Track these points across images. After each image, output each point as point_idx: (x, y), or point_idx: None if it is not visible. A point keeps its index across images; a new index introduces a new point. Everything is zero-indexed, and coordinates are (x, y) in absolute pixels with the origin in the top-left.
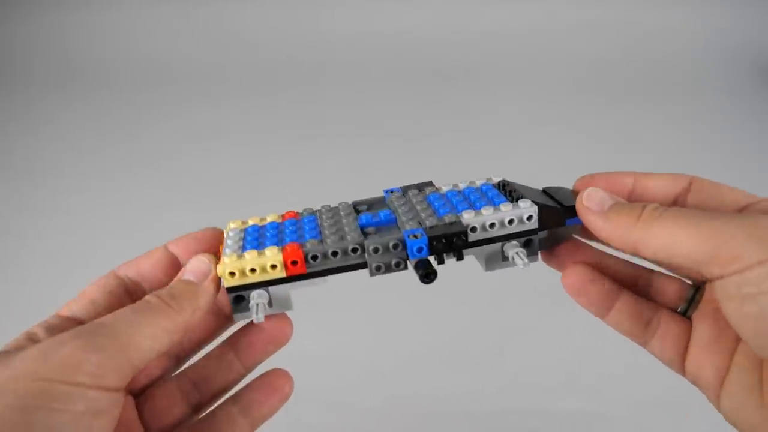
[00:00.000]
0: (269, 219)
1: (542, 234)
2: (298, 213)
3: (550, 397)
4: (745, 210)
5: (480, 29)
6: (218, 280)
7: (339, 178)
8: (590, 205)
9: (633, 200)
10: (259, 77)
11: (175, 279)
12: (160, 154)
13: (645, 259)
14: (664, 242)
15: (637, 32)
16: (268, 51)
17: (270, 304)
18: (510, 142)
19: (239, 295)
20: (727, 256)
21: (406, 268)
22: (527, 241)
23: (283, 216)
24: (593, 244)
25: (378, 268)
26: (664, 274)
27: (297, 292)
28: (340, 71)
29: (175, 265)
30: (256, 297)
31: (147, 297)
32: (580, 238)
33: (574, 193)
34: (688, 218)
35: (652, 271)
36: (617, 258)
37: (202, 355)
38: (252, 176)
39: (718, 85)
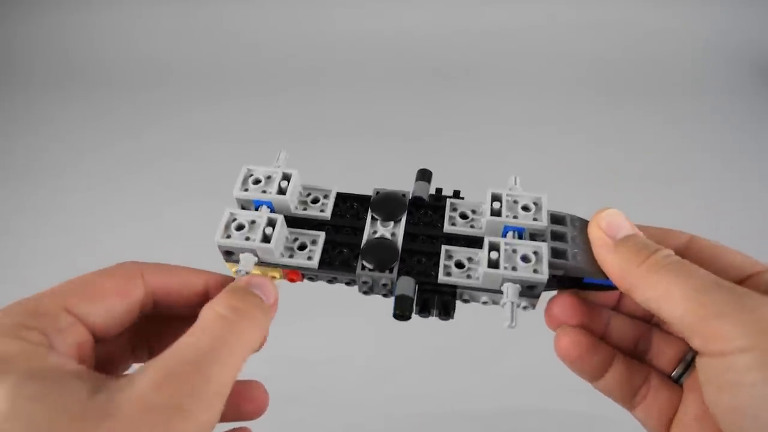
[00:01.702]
0: (276, 275)
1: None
2: (302, 275)
3: (551, 398)
4: (749, 280)
5: (480, 29)
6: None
7: (339, 178)
8: (606, 229)
9: None
10: (259, 77)
11: (240, 286)
12: (160, 153)
13: (636, 300)
14: (657, 295)
15: (637, 32)
16: (268, 51)
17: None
18: (510, 142)
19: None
20: (711, 333)
21: (391, 295)
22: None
23: (287, 275)
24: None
25: (366, 292)
26: (665, 334)
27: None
28: (340, 71)
29: (202, 293)
30: (245, 266)
31: (250, 310)
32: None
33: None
34: (689, 279)
35: (652, 329)
36: (620, 317)
37: None
38: None
39: (718, 85)
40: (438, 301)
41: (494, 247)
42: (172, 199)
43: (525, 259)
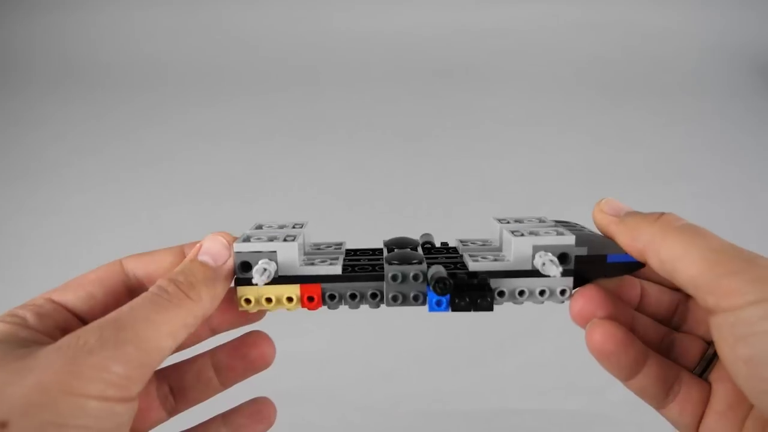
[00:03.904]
0: (292, 297)
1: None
2: (321, 298)
3: (551, 398)
4: None
5: (480, 29)
6: (233, 265)
7: (339, 177)
8: (607, 210)
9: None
10: (258, 77)
11: (189, 259)
12: (159, 153)
13: (649, 265)
14: (674, 255)
15: (637, 33)
16: (268, 51)
17: (277, 273)
18: (510, 142)
19: (246, 262)
20: (725, 289)
21: (425, 303)
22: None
23: (304, 297)
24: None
25: (395, 299)
26: (687, 333)
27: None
28: (340, 71)
29: None
30: (263, 263)
31: (164, 284)
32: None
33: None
34: (705, 239)
35: (673, 331)
36: (643, 317)
37: (182, 359)
38: (252, 176)
39: (718, 85)
40: (474, 295)
41: (517, 233)
42: (171, 199)
43: (548, 234)
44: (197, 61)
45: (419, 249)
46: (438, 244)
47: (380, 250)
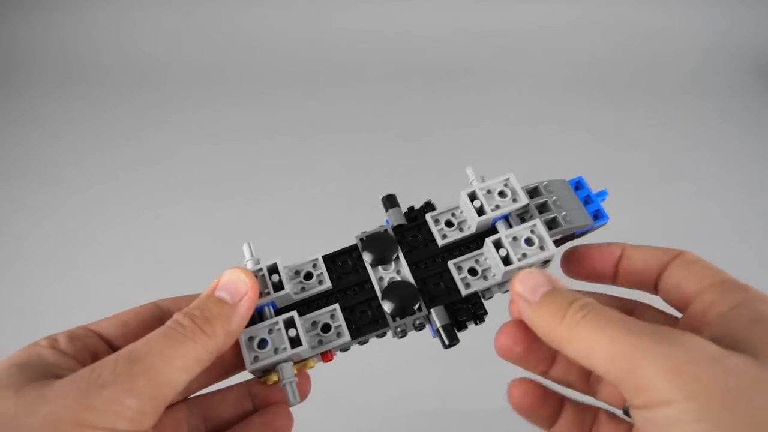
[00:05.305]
0: (312, 364)
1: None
2: (333, 354)
3: None
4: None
5: (480, 29)
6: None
7: (339, 177)
8: (523, 292)
9: (620, 271)
10: (258, 77)
11: (207, 293)
12: (159, 154)
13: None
14: (583, 352)
15: (637, 32)
16: (268, 51)
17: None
18: (511, 142)
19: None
20: (634, 386)
21: (424, 327)
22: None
23: (322, 357)
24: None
25: (401, 336)
26: None
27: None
28: (340, 71)
29: None
30: (288, 376)
31: (179, 318)
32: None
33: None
34: (605, 330)
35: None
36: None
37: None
38: (252, 176)
39: (718, 85)
40: (468, 311)
41: (498, 244)
42: (171, 199)
43: (529, 242)
44: (197, 61)
45: (396, 247)
46: (404, 210)
47: (355, 248)
